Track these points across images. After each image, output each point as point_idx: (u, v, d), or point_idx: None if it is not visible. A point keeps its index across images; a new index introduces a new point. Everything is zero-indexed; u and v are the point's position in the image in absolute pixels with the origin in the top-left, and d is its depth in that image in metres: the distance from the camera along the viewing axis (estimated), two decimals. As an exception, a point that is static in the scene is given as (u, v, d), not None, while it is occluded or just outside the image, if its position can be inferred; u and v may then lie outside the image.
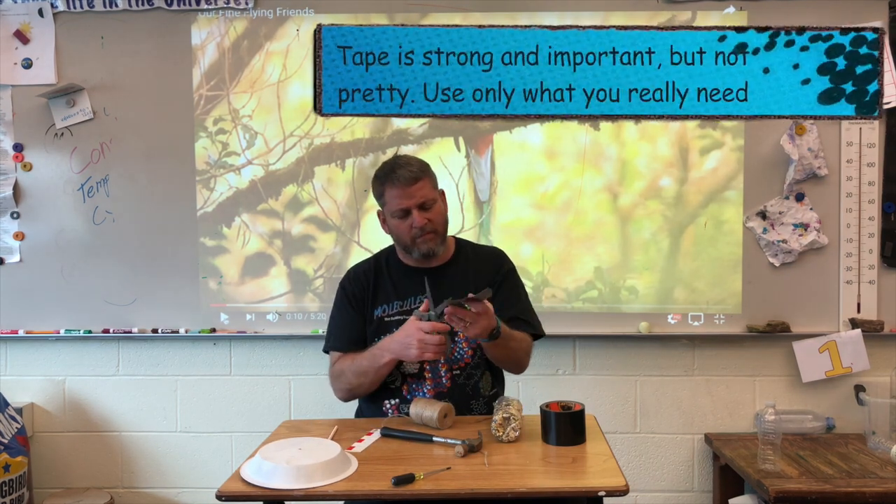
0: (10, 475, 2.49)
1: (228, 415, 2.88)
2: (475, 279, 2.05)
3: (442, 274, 2.05)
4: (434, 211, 2.00)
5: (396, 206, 1.98)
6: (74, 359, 2.88)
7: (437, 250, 2.03)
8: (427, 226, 1.98)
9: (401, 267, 2.10)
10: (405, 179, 1.97)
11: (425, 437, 1.75)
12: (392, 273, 2.09)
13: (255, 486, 1.51)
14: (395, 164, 2.02)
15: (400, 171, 1.98)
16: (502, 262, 2.14)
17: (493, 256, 2.17)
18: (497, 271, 2.10)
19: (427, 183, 2.00)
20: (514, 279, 2.14)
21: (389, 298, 2.05)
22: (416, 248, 2.01)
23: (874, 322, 2.71)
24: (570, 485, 1.52)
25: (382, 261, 2.13)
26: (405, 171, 1.98)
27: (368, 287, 2.08)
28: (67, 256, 2.81)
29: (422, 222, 1.97)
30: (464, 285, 2.02)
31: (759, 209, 2.73)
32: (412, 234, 1.99)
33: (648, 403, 2.85)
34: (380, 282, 2.08)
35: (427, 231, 1.98)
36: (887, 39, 2.58)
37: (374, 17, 2.74)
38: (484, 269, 2.10)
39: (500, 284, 2.07)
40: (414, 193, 1.97)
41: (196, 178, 2.79)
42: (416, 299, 2.02)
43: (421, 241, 1.99)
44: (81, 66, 2.78)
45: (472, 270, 2.09)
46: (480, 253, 2.17)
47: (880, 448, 2.50)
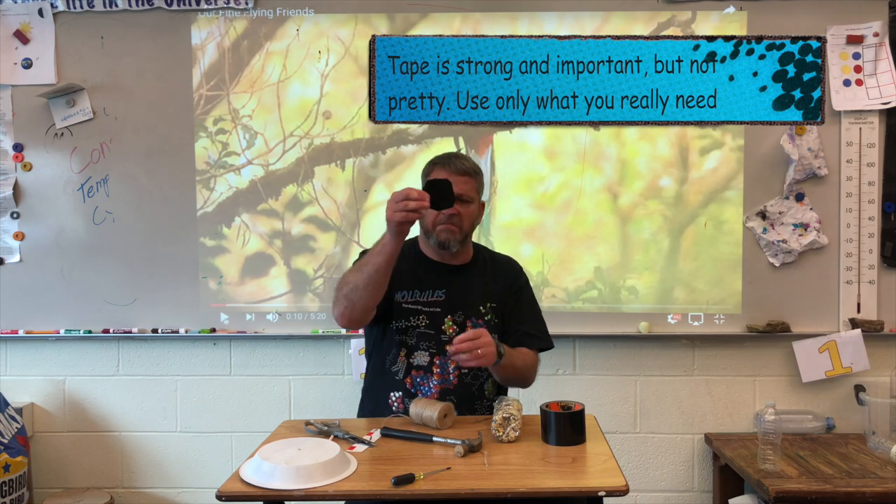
0: (10, 475, 2.49)
1: (228, 415, 2.89)
2: (492, 284, 2.10)
3: (460, 274, 2.09)
4: (467, 209, 2.03)
5: None
6: (74, 359, 2.88)
7: (453, 245, 2.04)
8: (454, 218, 2.00)
9: (421, 258, 2.12)
10: (457, 168, 2.02)
11: (425, 437, 1.75)
12: (412, 263, 2.10)
13: (255, 486, 1.51)
14: (455, 155, 2.10)
15: (456, 161, 2.05)
16: (519, 275, 2.18)
17: (510, 266, 2.19)
18: (514, 283, 2.14)
19: (474, 183, 2.06)
20: (530, 293, 2.17)
21: (410, 286, 2.06)
22: (435, 235, 2.03)
23: (874, 322, 2.71)
24: (570, 485, 1.52)
25: (405, 249, 2.10)
26: (460, 162, 2.04)
27: (399, 265, 2.04)
28: (67, 256, 2.81)
29: (452, 211, 1.98)
30: (481, 286, 2.08)
31: (759, 209, 2.73)
32: (438, 218, 2.01)
33: (648, 403, 2.85)
34: (406, 265, 2.08)
35: (452, 222, 2.01)
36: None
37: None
38: (501, 276, 2.14)
39: (516, 298, 2.11)
40: (458, 182, 1.98)
41: (196, 178, 2.79)
42: (434, 293, 2.05)
43: (442, 228, 2.01)
44: (81, 66, 2.78)
45: (489, 275, 2.12)
46: (498, 260, 2.20)
47: (880, 448, 2.50)
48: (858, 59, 2.70)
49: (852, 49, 2.70)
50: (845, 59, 2.70)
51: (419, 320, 2.03)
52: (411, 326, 2.03)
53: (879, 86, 2.70)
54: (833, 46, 2.70)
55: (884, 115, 2.71)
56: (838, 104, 2.70)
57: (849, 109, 2.70)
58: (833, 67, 2.70)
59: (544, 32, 2.72)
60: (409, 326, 2.03)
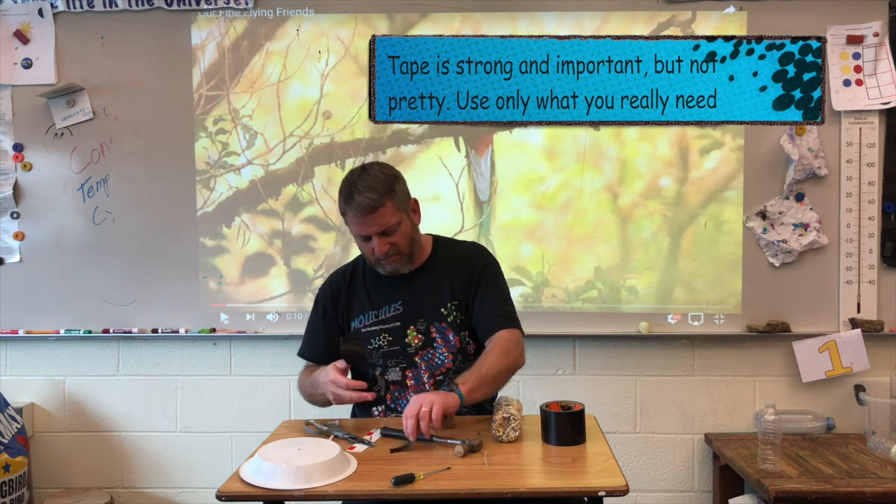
0: (10, 475, 2.49)
1: (228, 415, 2.89)
2: (451, 280, 2.00)
3: (415, 279, 2.00)
4: (398, 234, 1.90)
5: (356, 232, 1.92)
6: (74, 359, 2.88)
7: (403, 270, 1.96)
8: (390, 250, 1.90)
9: (375, 275, 2.02)
10: (363, 208, 1.85)
11: (425, 437, 1.75)
12: (367, 281, 2.04)
13: (255, 486, 1.51)
14: (355, 189, 1.86)
15: (358, 199, 1.84)
16: (478, 258, 2.03)
17: (471, 253, 2.05)
18: (473, 269, 2.00)
19: (389, 208, 1.87)
20: (492, 272, 2.02)
21: (364, 308, 2.01)
22: (381, 268, 1.96)
23: (874, 322, 2.71)
24: (570, 485, 1.52)
25: (359, 268, 2.07)
26: (364, 199, 1.84)
27: (341, 299, 2.04)
28: (67, 256, 2.81)
29: (382, 250, 1.89)
30: (439, 288, 2.00)
31: (759, 209, 2.73)
32: (374, 256, 1.93)
33: (648, 403, 2.85)
34: (353, 292, 2.03)
35: (390, 255, 1.91)
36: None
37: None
38: (460, 268, 2.01)
39: (476, 282, 1.99)
40: (374, 222, 1.86)
41: (196, 178, 2.79)
42: (391, 308, 1.99)
43: (385, 262, 1.93)
44: (81, 66, 2.78)
45: (447, 272, 2.01)
46: (459, 251, 2.07)
47: (880, 448, 2.50)
48: (858, 59, 2.70)
49: (852, 49, 2.70)
50: (845, 59, 2.70)
51: (381, 340, 1.98)
52: (374, 349, 1.98)
53: (879, 86, 2.70)
54: (833, 46, 2.70)
55: (884, 115, 2.71)
56: (838, 104, 2.70)
57: (849, 109, 2.70)
58: (833, 67, 2.70)
59: (544, 32, 2.72)
60: (373, 349, 1.98)
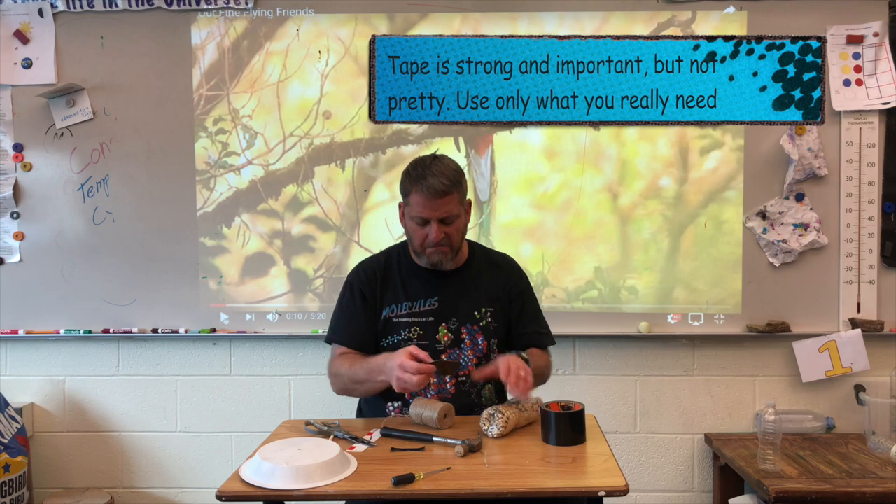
0: (9, 475, 2.49)
1: (228, 415, 2.88)
2: (488, 286, 2.04)
3: (452, 279, 2.03)
4: (454, 226, 1.94)
5: (417, 213, 1.92)
6: (74, 359, 2.88)
7: (446, 264, 1.99)
8: (443, 240, 1.92)
9: (412, 267, 2.05)
10: (433, 191, 1.87)
11: (425, 437, 1.75)
12: (402, 272, 2.05)
13: (255, 486, 1.51)
14: (428, 171, 1.89)
15: (431, 181, 1.87)
16: (518, 276, 2.12)
17: (508, 267, 2.13)
18: (514, 284, 2.08)
19: (455, 197, 1.91)
20: (531, 293, 2.13)
21: (398, 299, 2.02)
22: (426, 257, 1.97)
23: (874, 322, 2.71)
24: (570, 485, 1.52)
25: (393, 258, 2.08)
26: (436, 182, 1.87)
27: (377, 284, 2.03)
28: (67, 256, 2.80)
29: (438, 237, 1.91)
30: (475, 292, 2.03)
31: (759, 209, 2.73)
32: (425, 242, 1.94)
33: (648, 403, 2.85)
34: (389, 280, 2.04)
35: (441, 244, 1.93)
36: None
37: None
38: (498, 278, 2.08)
39: (520, 301, 2.07)
40: (438, 207, 1.89)
41: (196, 178, 2.79)
42: (426, 302, 2.00)
43: (432, 251, 1.94)
44: (81, 66, 2.78)
45: (484, 277, 2.06)
46: (494, 260, 2.13)
47: (880, 448, 2.50)
48: (858, 59, 2.70)
49: (852, 49, 2.70)
50: (845, 59, 2.70)
51: (411, 332, 1.98)
52: (403, 340, 1.98)
53: (879, 86, 2.70)
54: (833, 46, 2.70)
55: (884, 115, 2.71)
56: (838, 104, 2.70)
57: (849, 109, 2.70)
58: (833, 67, 2.70)
59: (544, 32, 2.72)
60: (402, 340, 1.98)
